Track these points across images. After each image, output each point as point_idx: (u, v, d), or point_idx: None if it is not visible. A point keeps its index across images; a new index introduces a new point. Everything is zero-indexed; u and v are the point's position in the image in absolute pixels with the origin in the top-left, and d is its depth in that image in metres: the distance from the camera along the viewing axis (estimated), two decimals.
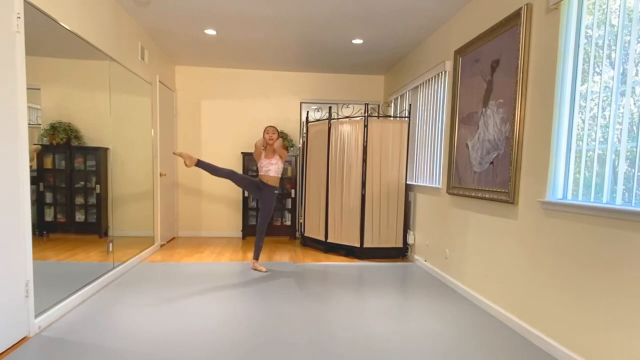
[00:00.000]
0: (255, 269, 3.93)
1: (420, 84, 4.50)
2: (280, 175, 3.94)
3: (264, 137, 3.93)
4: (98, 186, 3.21)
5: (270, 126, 4.00)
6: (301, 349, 2.25)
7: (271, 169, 3.87)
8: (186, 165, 3.59)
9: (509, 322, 2.67)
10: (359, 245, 4.51)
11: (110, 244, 3.47)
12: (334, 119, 4.71)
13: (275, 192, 3.93)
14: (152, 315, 2.70)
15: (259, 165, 3.95)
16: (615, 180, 1.93)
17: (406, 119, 4.52)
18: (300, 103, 5.90)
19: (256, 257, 3.96)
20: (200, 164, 3.64)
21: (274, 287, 3.38)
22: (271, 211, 3.94)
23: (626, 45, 1.90)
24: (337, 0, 3.38)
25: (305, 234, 5.17)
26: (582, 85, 2.19)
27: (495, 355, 2.25)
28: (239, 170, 5.80)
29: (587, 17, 2.16)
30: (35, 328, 2.36)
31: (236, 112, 5.80)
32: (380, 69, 5.64)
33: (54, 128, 2.65)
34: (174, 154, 3.71)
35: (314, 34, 4.21)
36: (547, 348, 2.30)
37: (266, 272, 3.87)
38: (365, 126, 4.43)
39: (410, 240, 4.55)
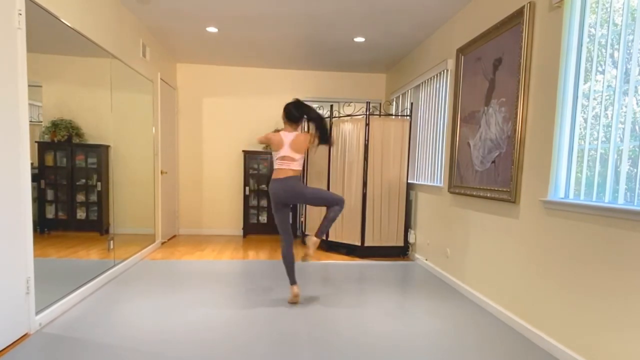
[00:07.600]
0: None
1: (422, 83, 4.49)
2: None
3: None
4: (99, 183, 3.21)
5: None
6: (302, 347, 2.25)
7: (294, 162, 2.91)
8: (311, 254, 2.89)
9: (510, 322, 2.66)
10: (359, 244, 4.51)
11: (111, 242, 3.47)
12: (335, 117, 4.70)
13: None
14: (152, 312, 2.71)
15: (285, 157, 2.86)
16: (618, 179, 1.92)
17: (408, 117, 4.51)
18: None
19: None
20: (321, 233, 2.95)
21: (274, 285, 3.39)
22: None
23: (629, 44, 1.89)
24: None
25: (306, 233, 5.17)
26: (584, 84, 2.18)
27: (496, 354, 2.24)
28: (240, 170, 5.81)
29: (591, 15, 2.15)
30: (35, 325, 2.37)
31: (237, 110, 5.79)
32: (381, 67, 5.63)
33: (55, 125, 2.65)
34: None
35: (316, 32, 4.20)
36: (548, 348, 2.30)
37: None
38: (367, 124, 4.42)
39: (411, 239, 4.54)
